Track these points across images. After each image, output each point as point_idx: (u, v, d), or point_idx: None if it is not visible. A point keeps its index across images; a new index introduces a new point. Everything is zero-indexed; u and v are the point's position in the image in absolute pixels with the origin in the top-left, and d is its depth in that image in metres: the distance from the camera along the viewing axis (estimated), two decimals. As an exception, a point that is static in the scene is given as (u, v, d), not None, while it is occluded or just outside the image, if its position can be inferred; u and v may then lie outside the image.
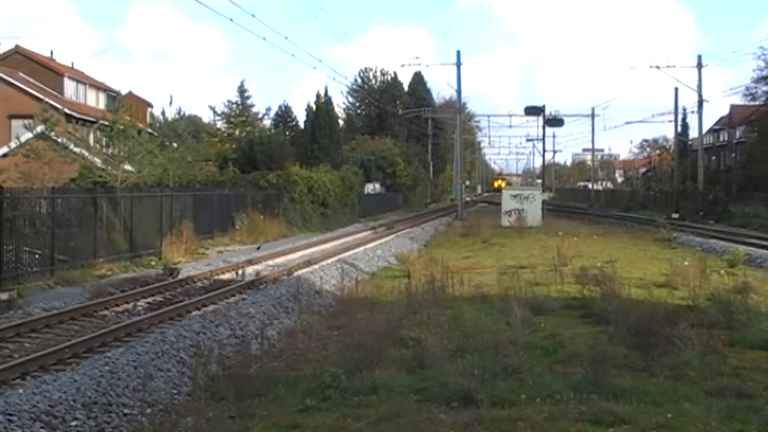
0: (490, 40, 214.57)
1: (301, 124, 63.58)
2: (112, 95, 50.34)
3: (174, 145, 35.39)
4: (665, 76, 75.81)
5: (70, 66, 53.77)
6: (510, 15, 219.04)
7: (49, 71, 48.13)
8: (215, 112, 63.25)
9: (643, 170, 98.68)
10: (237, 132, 58.50)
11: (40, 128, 30.11)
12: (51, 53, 53.24)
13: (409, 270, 19.58)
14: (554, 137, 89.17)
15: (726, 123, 69.25)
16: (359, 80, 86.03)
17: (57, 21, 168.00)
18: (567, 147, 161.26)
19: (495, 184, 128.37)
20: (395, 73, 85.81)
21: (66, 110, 42.17)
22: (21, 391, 9.27)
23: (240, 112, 61.94)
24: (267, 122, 65.84)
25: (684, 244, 30.07)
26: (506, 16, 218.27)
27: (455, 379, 9.01)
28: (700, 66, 52.16)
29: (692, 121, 61.22)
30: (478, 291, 16.24)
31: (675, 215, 47.60)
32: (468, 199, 77.72)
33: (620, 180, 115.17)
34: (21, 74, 46.31)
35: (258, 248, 28.72)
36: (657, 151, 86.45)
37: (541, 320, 13.35)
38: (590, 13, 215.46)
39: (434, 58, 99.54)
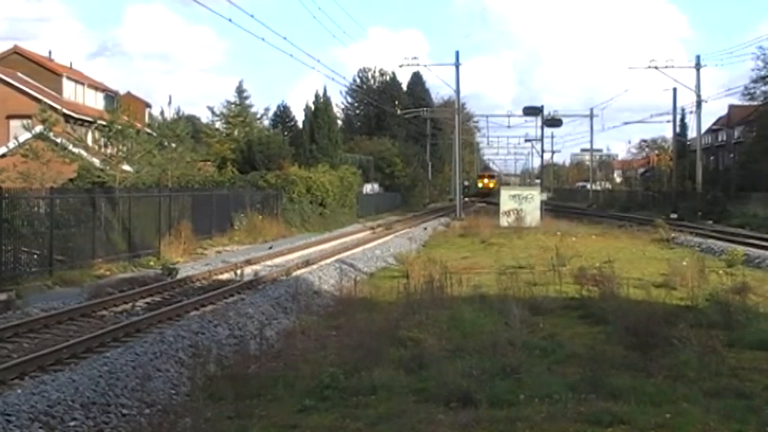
0: (487, 41, 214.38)
1: (300, 124, 63.60)
2: (111, 96, 50.34)
3: (173, 145, 35.39)
4: (664, 77, 75.83)
5: (69, 66, 53.72)
6: (506, 16, 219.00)
7: (47, 71, 48.12)
8: (213, 113, 63.24)
9: (641, 170, 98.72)
10: (236, 133, 58.45)
11: (38, 128, 30.14)
12: (50, 53, 53.25)
13: (408, 270, 19.57)
14: (552, 137, 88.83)
15: (724, 123, 69.29)
16: (357, 80, 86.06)
17: (54, 22, 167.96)
18: (566, 147, 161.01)
19: (480, 184, 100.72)
20: (393, 73, 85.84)
21: (64, 110, 42.20)
22: (19, 391, 9.26)
23: (238, 112, 61.87)
24: (266, 123, 65.88)
25: (683, 244, 30.07)
26: (503, 17, 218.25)
27: (454, 379, 9.02)
28: (698, 66, 52.20)
29: (691, 121, 61.36)
30: (477, 291, 16.24)
31: (674, 215, 47.62)
32: (466, 199, 77.62)
33: (618, 180, 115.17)
34: (19, 74, 46.30)
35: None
36: (656, 151, 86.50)
37: (540, 321, 13.35)
38: (586, 14, 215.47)
39: (432, 60, 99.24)
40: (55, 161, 28.67)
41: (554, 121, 70.00)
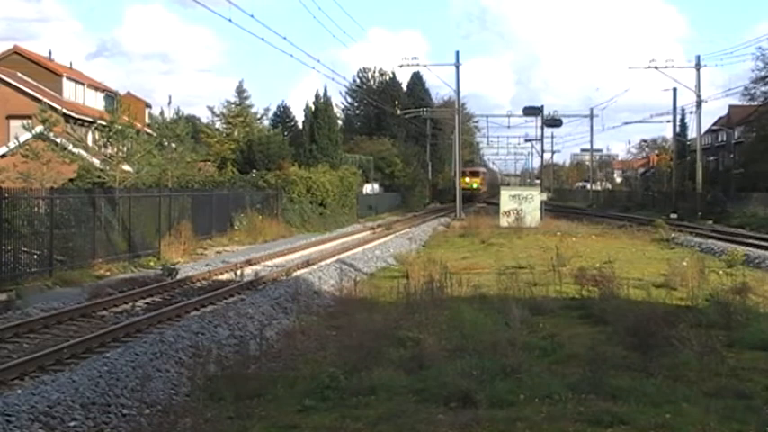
0: (486, 42, 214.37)
1: (300, 124, 63.59)
2: (111, 96, 50.28)
3: (173, 145, 35.38)
4: (663, 77, 75.91)
5: (69, 66, 53.69)
6: (505, 16, 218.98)
7: (47, 71, 48.06)
8: (213, 113, 63.24)
9: (641, 170, 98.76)
10: (236, 133, 58.47)
11: (38, 128, 30.09)
12: (50, 53, 53.22)
13: (408, 270, 19.57)
14: (552, 137, 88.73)
15: (724, 124, 69.34)
16: (357, 80, 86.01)
17: (54, 22, 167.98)
18: (566, 147, 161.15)
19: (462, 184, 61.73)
20: (393, 73, 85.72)
21: (64, 110, 42.09)
22: (19, 391, 9.27)
23: (238, 112, 61.88)
24: (266, 123, 65.88)
25: (683, 244, 30.07)
26: (501, 17, 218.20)
27: (454, 379, 9.01)
28: (698, 66, 52.22)
29: (691, 121, 61.39)
30: (477, 291, 16.24)
31: (674, 215, 47.65)
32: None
33: (618, 180, 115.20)
34: (19, 74, 46.26)
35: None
36: (656, 151, 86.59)
37: (540, 321, 13.36)
38: (586, 14, 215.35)
39: (431, 61, 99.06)
40: (55, 161, 28.63)
41: (554, 121, 70.04)
